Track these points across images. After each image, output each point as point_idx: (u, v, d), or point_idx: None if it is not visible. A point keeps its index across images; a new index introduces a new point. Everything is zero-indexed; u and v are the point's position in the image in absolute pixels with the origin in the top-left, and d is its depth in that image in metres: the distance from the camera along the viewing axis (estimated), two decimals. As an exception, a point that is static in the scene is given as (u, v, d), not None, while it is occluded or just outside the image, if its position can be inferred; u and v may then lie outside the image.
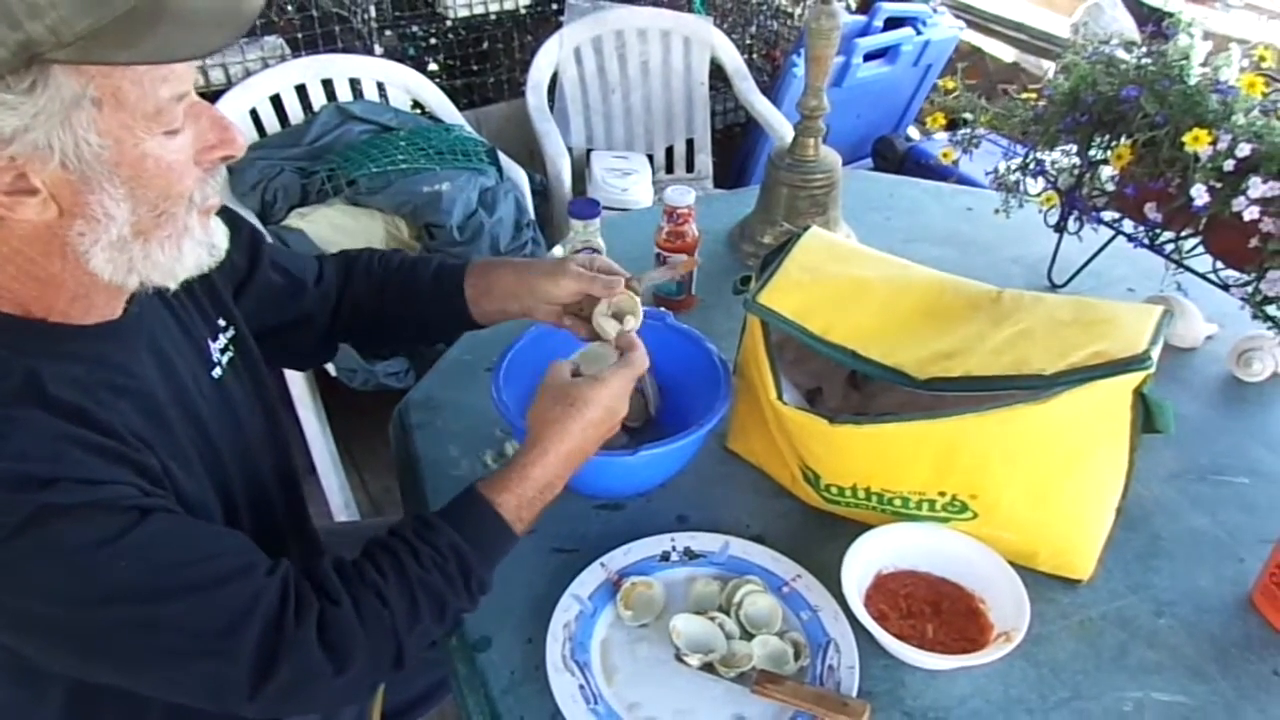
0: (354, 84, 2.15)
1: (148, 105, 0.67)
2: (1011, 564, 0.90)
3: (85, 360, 0.74)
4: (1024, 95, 1.30)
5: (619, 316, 0.98)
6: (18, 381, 0.69)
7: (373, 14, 2.30)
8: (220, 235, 0.79)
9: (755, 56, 3.09)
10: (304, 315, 1.06)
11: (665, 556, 0.96)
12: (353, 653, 0.75)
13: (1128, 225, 1.28)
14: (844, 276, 1.01)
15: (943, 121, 1.35)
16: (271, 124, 2.08)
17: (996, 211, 1.34)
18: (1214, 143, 1.05)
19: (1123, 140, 1.16)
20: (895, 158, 2.89)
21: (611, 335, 0.96)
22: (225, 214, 0.98)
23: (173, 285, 0.76)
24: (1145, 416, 0.86)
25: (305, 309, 1.06)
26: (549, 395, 0.89)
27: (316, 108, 2.11)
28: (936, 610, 0.90)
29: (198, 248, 0.75)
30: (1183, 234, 1.19)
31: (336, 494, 2.07)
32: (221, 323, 0.93)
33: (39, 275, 0.71)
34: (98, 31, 0.62)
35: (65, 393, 0.70)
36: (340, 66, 2.14)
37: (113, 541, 0.68)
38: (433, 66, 2.66)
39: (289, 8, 2.26)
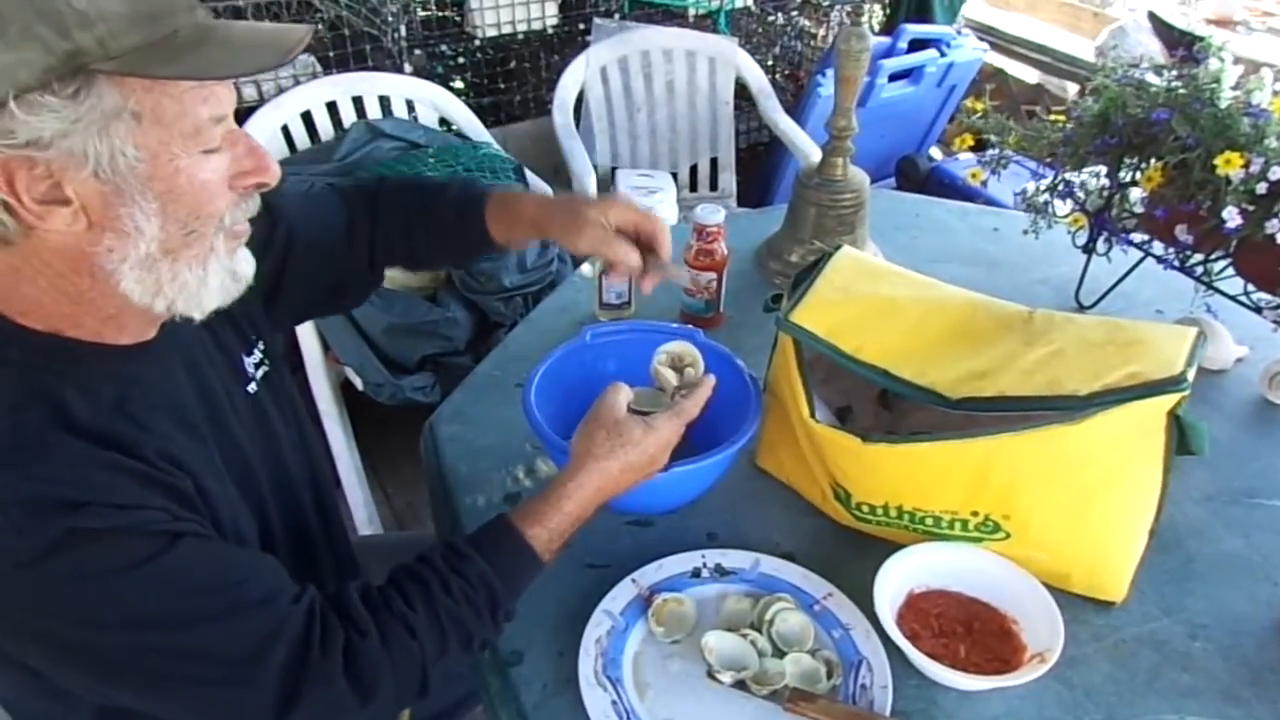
0: (384, 101, 2.17)
1: (186, 123, 0.68)
2: (1044, 585, 0.90)
3: (117, 381, 0.74)
4: (1052, 117, 1.30)
5: (677, 366, 0.99)
6: (48, 405, 0.69)
7: (403, 33, 2.34)
8: (246, 264, 0.79)
9: (779, 76, 3.11)
10: (342, 281, 1.08)
11: (696, 573, 0.97)
12: (378, 684, 0.75)
13: (1157, 247, 1.28)
14: (876, 296, 1.02)
15: (970, 142, 1.36)
16: (302, 140, 2.11)
17: (1025, 232, 1.34)
18: (1246, 165, 1.06)
19: (1153, 162, 1.16)
20: (918, 177, 2.90)
21: (671, 384, 0.98)
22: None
23: (198, 316, 0.75)
24: (1179, 438, 0.86)
25: (342, 277, 1.08)
26: (602, 424, 0.88)
27: (347, 125, 2.14)
28: (969, 630, 0.90)
29: (223, 273, 0.76)
30: (1213, 256, 1.19)
31: (361, 508, 2.09)
32: (254, 336, 0.94)
33: (69, 291, 0.71)
34: (144, 47, 0.64)
35: (96, 416, 0.70)
36: (370, 84, 2.16)
37: (139, 566, 0.68)
38: (458, 84, 2.69)
39: (320, 27, 2.30)
